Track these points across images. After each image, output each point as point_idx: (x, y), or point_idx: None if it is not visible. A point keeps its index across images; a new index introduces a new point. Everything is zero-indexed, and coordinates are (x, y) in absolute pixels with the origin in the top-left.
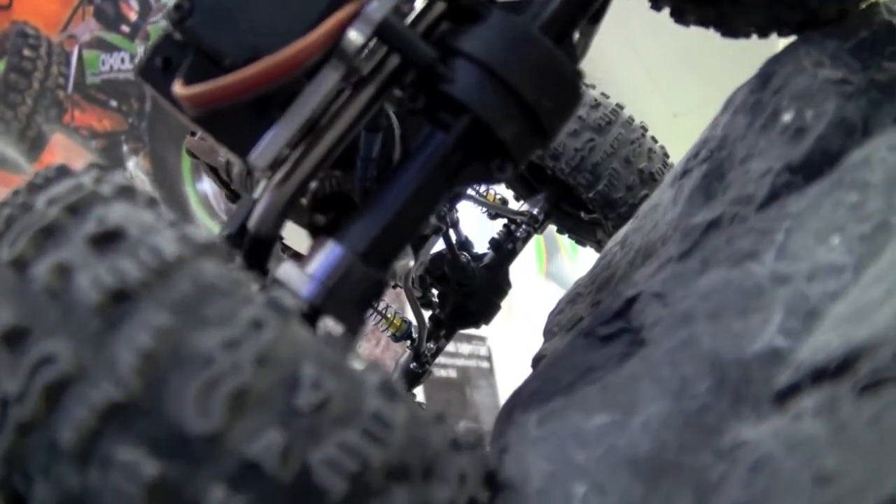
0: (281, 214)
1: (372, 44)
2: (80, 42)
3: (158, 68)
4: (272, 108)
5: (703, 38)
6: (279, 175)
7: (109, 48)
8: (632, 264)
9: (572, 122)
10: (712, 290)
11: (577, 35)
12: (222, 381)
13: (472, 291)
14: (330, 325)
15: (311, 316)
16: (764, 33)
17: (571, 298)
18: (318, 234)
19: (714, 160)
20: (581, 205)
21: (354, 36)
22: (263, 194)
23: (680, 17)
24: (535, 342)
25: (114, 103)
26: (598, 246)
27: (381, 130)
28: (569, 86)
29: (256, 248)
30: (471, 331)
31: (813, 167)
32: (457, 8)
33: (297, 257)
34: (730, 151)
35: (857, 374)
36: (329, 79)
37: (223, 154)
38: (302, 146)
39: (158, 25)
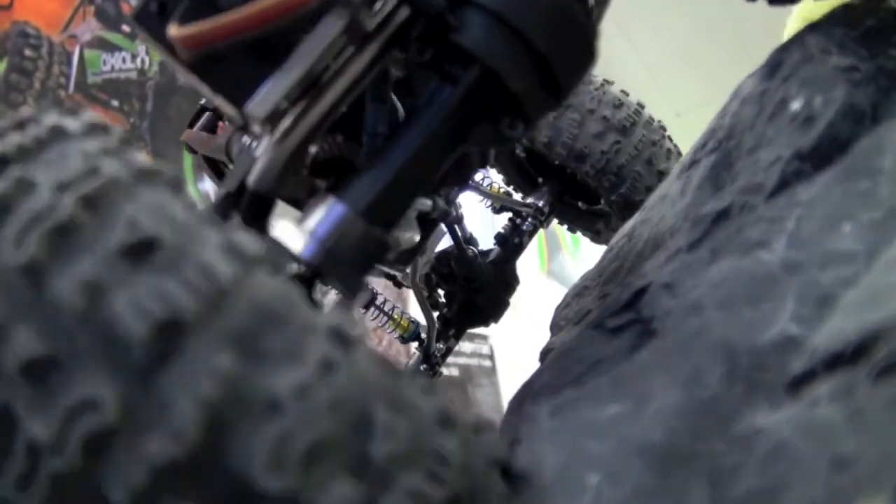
0: (282, 171)
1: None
2: (81, 42)
3: (154, 13)
4: (271, 57)
5: (705, 37)
6: (279, 132)
7: (111, 48)
8: (640, 255)
9: (597, 123)
10: (722, 280)
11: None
12: (297, 434)
13: (480, 288)
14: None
15: (310, 278)
16: None
17: (578, 292)
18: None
19: (722, 150)
20: (581, 195)
21: None
22: (263, 152)
23: None
24: (538, 340)
25: (115, 103)
26: (597, 236)
27: (387, 102)
28: (584, 39)
29: (256, 206)
30: (473, 329)
31: (822, 155)
32: None
33: None
34: (738, 141)
35: (872, 359)
36: (332, 27)
37: (221, 130)
38: (303, 103)
39: None
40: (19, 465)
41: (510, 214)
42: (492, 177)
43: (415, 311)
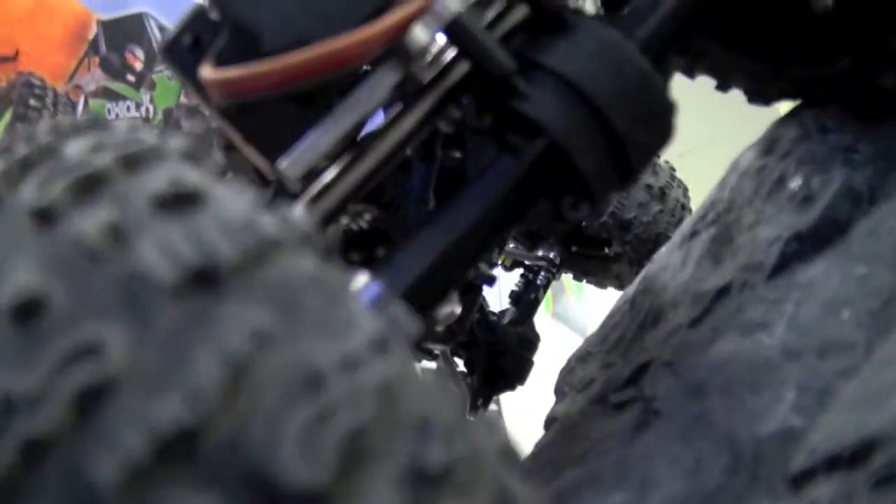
0: None
1: (434, 48)
2: (85, 92)
3: (186, 47)
4: (313, 108)
5: (707, 78)
6: (312, 191)
7: (115, 97)
8: (642, 326)
9: (643, 192)
10: (724, 362)
11: None
12: (338, 416)
13: (502, 351)
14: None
15: None
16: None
17: (582, 357)
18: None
19: (722, 223)
20: (589, 243)
21: (422, 33)
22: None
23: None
24: (544, 384)
25: None
26: (615, 282)
27: (435, 161)
28: (664, 118)
29: None
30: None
31: (821, 236)
32: (540, 14)
33: None
34: (737, 216)
35: (870, 466)
36: (385, 81)
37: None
38: (342, 160)
39: (164, 75)
40: None
41: (521, 271)
42: None
43: None
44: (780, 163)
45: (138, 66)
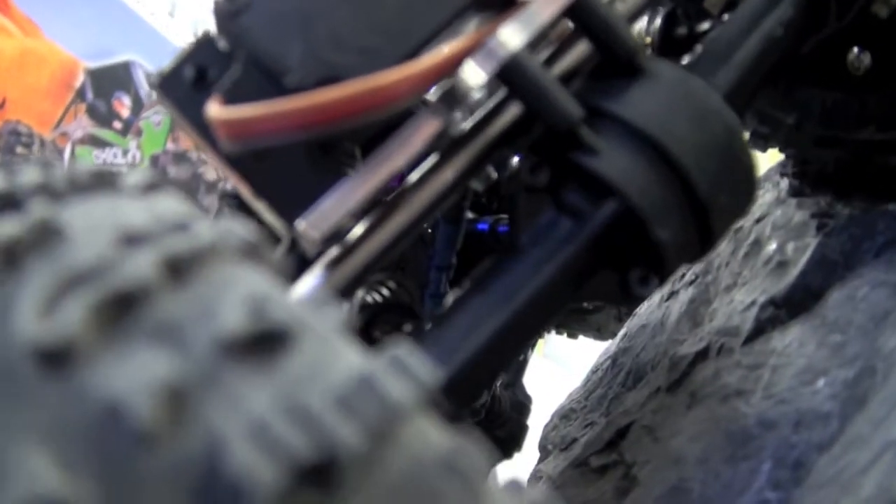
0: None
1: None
2: (72, 139)
3: (188, 80)
4: (339, 158)
5: None
6: (332, 253)
7: (102, 144)
8: (623, 385)
9: None
10: (701, 431)
11: None
12: None
13: (497, 418)
14: None
15: None
16: None
17: (565, 414)
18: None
19: (700, 284)
20: None
21: (473, 73)
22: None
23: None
24: (536, 423)
25: None
26: (597, 333)
27: (462, 222)
28: (750, 178)
29: None
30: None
31: (796, 302)
32: (610, 56)
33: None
34: (715, 277)
35: None
36: (426, 128)
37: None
38: (369, 219)
39: (150, 121)
40: None
41: None
42: None
43: None
44: (756, 225)
45: (125, 112)
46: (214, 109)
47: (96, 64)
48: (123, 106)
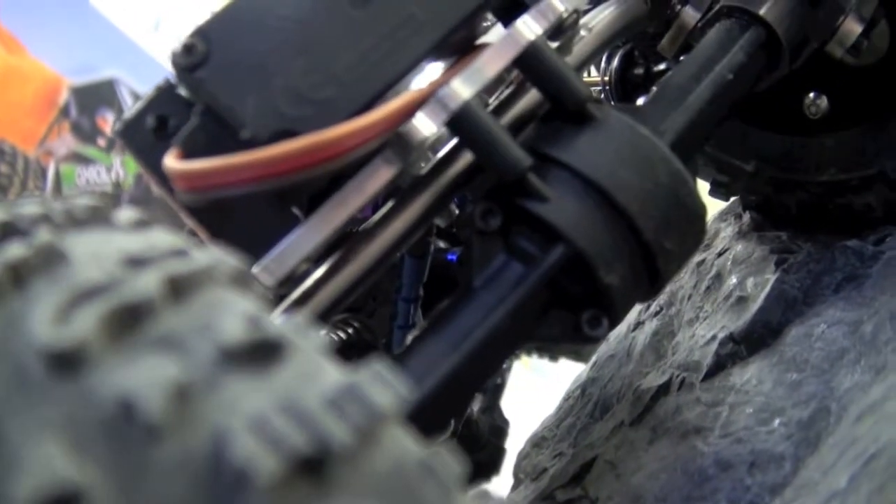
0: None
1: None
2: (56, 157)
3: (149, 129)
4: (295, 204)
5: None
6: (294, 295)
7: (86, 162)
8: (591, 416)
9: None
10: (660, 469)
11: None
12: None
13: (474, 442)
14: None
15: None
16: None
17: (536, 442)
18: None
19: (664, 316)
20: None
21: (424, 123)
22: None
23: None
24: (520, 434)
25: None
26: (576, 357)
27: (427, 256)
28: (696, 223)
29: None
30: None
31: (755, 339)
32: (559, 106)
33: None
34: (678, 309)
35: None
36: (380, 176)
37: None
38: (327, 262)
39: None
40: None
41: None
42: None
43: None
44: (718, 259)
45: (109, 129)
46: (171, 161)
47: (80, 81)
48: (107, 123)
